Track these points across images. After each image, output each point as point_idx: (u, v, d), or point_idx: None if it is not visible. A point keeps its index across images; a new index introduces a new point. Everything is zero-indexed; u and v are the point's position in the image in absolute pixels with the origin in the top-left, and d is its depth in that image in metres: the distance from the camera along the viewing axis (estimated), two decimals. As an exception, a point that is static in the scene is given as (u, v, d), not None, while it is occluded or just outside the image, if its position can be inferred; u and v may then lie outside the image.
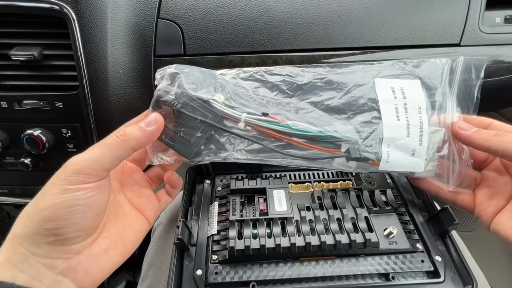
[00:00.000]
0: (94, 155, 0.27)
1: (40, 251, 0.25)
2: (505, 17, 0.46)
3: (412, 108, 0.33)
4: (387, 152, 0.32)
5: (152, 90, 0.45)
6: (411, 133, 0.32)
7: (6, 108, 0.43)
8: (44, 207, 0.25)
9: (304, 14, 0.44)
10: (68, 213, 0.25)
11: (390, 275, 0.31)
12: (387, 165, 0.32)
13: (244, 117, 0.31)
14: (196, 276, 0.30)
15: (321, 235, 0.32)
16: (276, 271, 0.31)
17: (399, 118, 0.32)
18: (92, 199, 0.27)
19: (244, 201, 0.36)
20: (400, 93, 0.33)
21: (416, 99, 0.33)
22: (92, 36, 0.41)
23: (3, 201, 0.53)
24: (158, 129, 0.30)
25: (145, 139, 0.29)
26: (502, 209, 0.32)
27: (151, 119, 0.30)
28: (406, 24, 0.45)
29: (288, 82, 0.35)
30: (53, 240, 0.25)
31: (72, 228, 0.26)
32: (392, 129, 0.32)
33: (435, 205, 0.38)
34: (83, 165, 0.26)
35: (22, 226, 0.26)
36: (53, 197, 0.25)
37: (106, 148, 0.28)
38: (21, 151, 0.45)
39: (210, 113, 0.31)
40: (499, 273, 0.79)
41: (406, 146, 0.32)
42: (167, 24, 0.43)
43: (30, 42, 0.41)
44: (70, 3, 0.39)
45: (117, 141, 0.28)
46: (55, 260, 0.26)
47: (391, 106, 0.33)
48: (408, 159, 0.32)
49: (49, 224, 0.25)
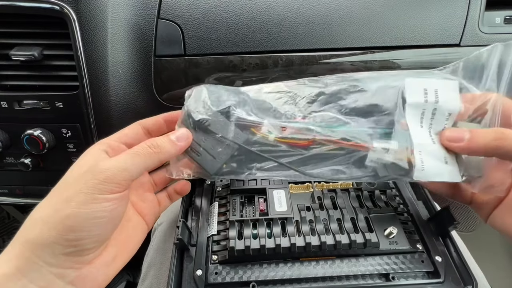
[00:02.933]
0: (126, 164, 0.26)
1: (55, 261, 0.24)
2: (505, 17, 0.46)
3: (440, 114, 0.29)
4: (420, 160, 0.29)
5: (152, 90, 0.45)
6: (435, 141, 0.29)
7: (6, 108, 0.43)
8: (68, 215, 0.24)
9: (304, 14, 0.44)
10: (92, 224, 0.25)
11: (390, 275, 0.31)
12: (423, 174, 0.29)
13: (266, 122, 0.31)
14: (196, 276, 0.30)
15: (321, 235, 0.32)
16: (276, 271, 0.31)
17: (422, 125, 0.30)
18: (116, 211, 0.26)
19: (244, 201, 0.36)
20: (433, 95, 0.29)
21: (450, 103, 0.29)
22: (92, 36, 0.41)
23: (3, 201, 0.53)
24: (187, 145, 0.30)
25: (175, 153, 0.29)
26: (500, 202, 0.31)
27: (182, 135, 0.30)
28: (406, 24, 0.45)
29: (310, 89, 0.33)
30: (71, 251, 0.24)
31: (91, 240, 0.25)
32: (418, 135, 0.29)
33: (435, 205, 0.38)
34: (113, 173, 0.25)
35: (38, 232, 0.24)
36: (80, 206, 0.24)
37: (138, 158, 0.27)
38: (21, 151, 0.45)
39: (234, 130, 0.31)
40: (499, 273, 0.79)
41: (437, 154, 0.29)
42: (167, 24, 0.43)
43: (30, 42, 0.41)
44: (71, 4, 0.39)
45: (149, 152, 0.27)
46: (67, 270, 0.25)
47: (417, 110, 0.30)
48: (444, 167, 0.29)
49: (71, 234, 0.24)
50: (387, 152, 0.30)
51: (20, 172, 0.47)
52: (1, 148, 0.44)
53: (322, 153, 0.31)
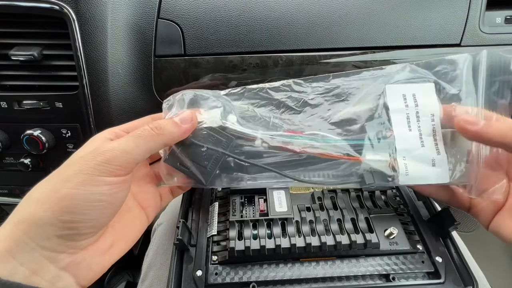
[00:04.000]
0: (127, 146, 0.25)
1: (48, 244, 0.23)
2: (505, 17, 0.46)
3: (424, 116, 0.31)
4: (404, 164, 0.30)
5: (152, 90, 0.45)
6: (425, 143, 0.30)
7: (6, 108, 0.43)
8: (64, 195, 0.23)
9: (304, 14, 0.44)
10: (89, 207, 0.23)
11: (391, 275, 0.31)
12: (407, 178, 0.30)
13: (260, 135, 0.31)
14: (196, 277, 0.30)
15: (322, 235, 0.31)
16: (276, 272, 0.31)
17: (411, 129, 0.31)
18: (115, 196, 0.25)
19: (244, 202, 0.36)
20: (412, 100, 0.31)
21: (429, 105, 0.31)
22: (92, 36, 0.41)
23: (3, 202, 0.53)
24: (192, 127, 0.29)
25: (179, 135, 0.28)
26: (500, 209, 0.31)
27: (186, 116, 0.28)
28: (406, 24, 0.45)
29: (295, 98, 0.34)
30: (65, 233, 0.23)
31: (88, 224, 0.24)
32: (404, 140, 0.31)
33: (436, 205, 0.38)
34: (115, 154, 0.24)
35: (32, 212, 0.23)
36: (78, 187, 0.23)
37: (140, 139, 0.26)
38: (21, 151, 0.45)
39: (224, 138, 0.31)
40: (500, 273, 0.79)
41: (424, 157, 0.30)
42: (167, 24, 0.43)
43: (30, 42, 0.41)
44: (70, 3, 0.39)
45: (152, 133, 0.26)
46: (60, 254, 0.24)
47: (402, 116, 0.31)
48: (430, 170, 0.30)
49: (67, 216, 0.23)
50: (374, 161, 0.31)
51: (19, 172, 0.47)
52: (1, 148, 0.44)
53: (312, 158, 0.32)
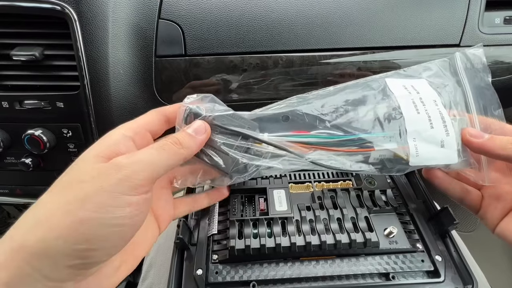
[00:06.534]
0: (152, 159, 0.22)
1: (55, 275, 0.20)
2: (504, 17, 0.46)
3: (428, 102, 0.32)
4: (414, 146, 0.31)
5: (153, 90, 0.45)
6: (434, 125, 0.31)
7: (7, 108, 0.43)
8: (81, 220, 0.19)
9: (304, 15, 0.44)
10: (109, 234, 0.20)
11: (390, 274, 0.31)
12: (418, 159, 0.31)
13: (266, 137, 0.30)
14: (197, 276, 0.30)
15: (321, 234, 0.32)
16: (277, 271, 0.31)
17: (419, 111, 0.32)
18: (137, 219, 0.22)
19: (245, 201, 0.36)
20: (412, 89, 0.33)
21: (428, 94, 0.33)
22: (93, 37, 0.41)
23: (4, 201, 0.53)
24: (207, 138, 0.26)
25: (196, 148, 0.25)
26: (509, 212, 0.31)
27: (199, 127, 0.25)
28: (406, 24, 0.45)
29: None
30: (77, 263, 0.20)
31: (104, 252, 0.21)
32: (414, 122, 0.31)
33: (435, 205, 0.38)
34: (140, 168, 0.21)
35: (39, 238, 0.19)
36: (98, 209, 0.20)
37: (164, 153, 0.23)
38: (22, 151, 0.45)
39: (245, 123, 0.29)
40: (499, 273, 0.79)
41: (433, 138, 0.31)
42: (168, 25, 0.43)
43: (31, 42, 0.41)
44: (72, 4, 0.39)
45: (173, 148, 0.24)
46: (65, 283, 0.20)
47: (408, 100, 0.32)
48: (439, 151, 0.31)
49: (83, 244, 0.19)
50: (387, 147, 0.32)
51: (20, 172, 0.47)
52: (2, 148, 0.44)
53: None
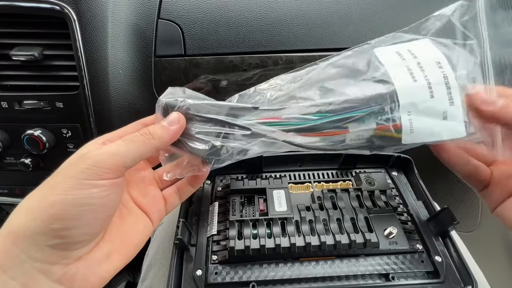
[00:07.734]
0: (118, 150, 0.25)
1: (39, 255, 0.22)
2: (505, 17, 0.46)
3: (429, 65, 0.26)
4: (408, 121, 0.26)
5: (153, 91, 0.45)
6: (435, 93, 0.26)
7: (6, 108, 0.43)
8: (52, 202, 0.22)
9: (304, 15, 0.44)
10: (79, 212, 0.23)
11: (390, 275, 0.31)
12: (412, 136, 0.26)
13: (240, 122, 0.28)
14: (196, 277, 0.30)
15: (321, 235, 0.32)
16: (276, 272, 0.31)
17: (416, 79, 0.26)
18: (107, 199, 0.24)
19: (244, 201, 0.36)
20: (408, 54, 0.27)
21: (430, 55, 0.27)
22: (93, 37, 0.41)
23: (3, 201, 0.53)
24: (181, 128, 0.28)
25: (169, 138, 0.28)
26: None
27: (173, 118, 0.28)
28: (406, 24, 0.44)
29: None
30: (57, 243, 0.22)
31: (80, 231, 0.23)
32: (409, 93, 0.26)
33: (435, 205, 0.38)
34: (104, 158, 0.24)
35: (22, 222, 0.22)
36: (66, 192, 0.22)
37: (132, 144, 0.26)
38: (22, 151, 0.45)
39: (221, 110, 0.29)
40: (499, 273, 0.79)
41: (433, 109, 0.26)
42: (167, 25, 0.43)
43: (30, 42, 0.41)
44: (71, 4, 0.39)
45: (142, 139, 0.26)
46: (53, 265, 0.23)
47: (401, 68, 0.27)
48: (440, 124, 0.26)
49: (57, 223, 0.22)
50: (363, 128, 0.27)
51: (20, 172, 0.47)
52: (2, 148, 0.44)
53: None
